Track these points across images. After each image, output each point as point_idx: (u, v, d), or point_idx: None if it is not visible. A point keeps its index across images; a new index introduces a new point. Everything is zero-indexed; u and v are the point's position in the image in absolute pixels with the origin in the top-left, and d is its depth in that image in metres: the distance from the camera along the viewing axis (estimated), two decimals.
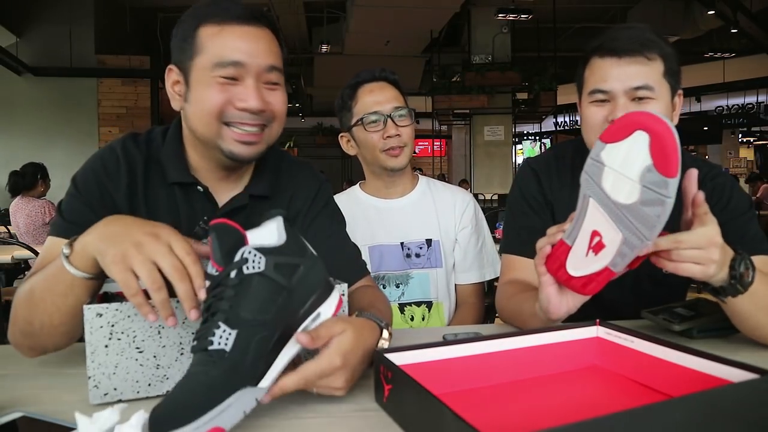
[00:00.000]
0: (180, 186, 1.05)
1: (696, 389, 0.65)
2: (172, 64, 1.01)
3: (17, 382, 0.84)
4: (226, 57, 0.95)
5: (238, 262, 0.70)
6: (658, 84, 1.11)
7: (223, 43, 0.95)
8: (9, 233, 4.54)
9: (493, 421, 0.71)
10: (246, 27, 0.97)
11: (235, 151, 0.98)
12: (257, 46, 0.97)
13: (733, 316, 0.97)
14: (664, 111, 1.12)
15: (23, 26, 8.45)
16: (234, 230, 0.71)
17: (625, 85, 1.10)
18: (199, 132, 0.99)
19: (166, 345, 0.79)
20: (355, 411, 0.75)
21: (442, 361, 0.80)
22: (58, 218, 1.01)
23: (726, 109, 14.49)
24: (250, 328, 0.68)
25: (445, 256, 1.61)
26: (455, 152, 12.13)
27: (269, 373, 0.70)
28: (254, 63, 0.96)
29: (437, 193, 1.68)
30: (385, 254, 1.59)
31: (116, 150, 1.04)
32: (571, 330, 0.89)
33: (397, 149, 1.55)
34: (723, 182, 1.20)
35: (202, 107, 0.96)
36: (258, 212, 1.08)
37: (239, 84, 0.96)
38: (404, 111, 1.56)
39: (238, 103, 0.96)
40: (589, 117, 1.16)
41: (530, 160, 1.36)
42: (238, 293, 0.69)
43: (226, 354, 0.66)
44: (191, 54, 0.97)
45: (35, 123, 8.41)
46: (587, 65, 1.17)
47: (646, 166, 0.76)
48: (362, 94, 1.57)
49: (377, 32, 9.38)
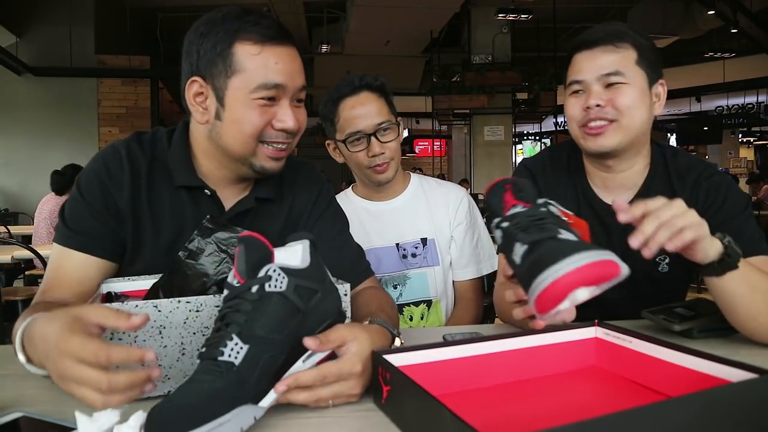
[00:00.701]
0: (187, 189, 1.05)
1: (695, 389, 0.65)
2: (197, 77, 0.98)
3: (17, 382, 0.84)
4: (270, 80, 0.95)
5: (262, 278, 0.71)
6: (631, 71, 1.15)
7: (266, 65, 0.95)
8: (9, 233, 4.55)
9: (492, 421, 0.72)
10: (283, 47, 0.98)
11: (267, 166, 1.01)
12: (294, 67, 0.99)
13: (730, 304, 0.97)
14: (639, 97, 1.16)
15: (23, 26, 8.45)
16: (263, 246, 0.73)
17: (597, 73, 1.16)
18: (234, 149, 1.00)
19: (167, 345, 0.79)
20: (355, 411, 0.75)
21: (441, 362, 0.80)
22: (62, 225, 1.02)
23: (726, 109, 14.50)
24: (261, 345, 0.68)
25: (441, 253, 1.60)
26: (455, 152, 12.13)
27: (271, 394, 0.70)
28: (292, 84, 0.98)
29: (430, 191, 1.66)
30: (381, 257, 1.58)
31: (120, 151, 1.04)
32: (570, 331, 0.89)
33: (384, 165, 1.52)
34: (718, 181, 1.20)
35: (242, 128, 0.97)
36: (264, 215, 1.10)
37: (276, 105, 0.98)
38: (388, 125, 1.51)
39: (277, 123, 0.98)
40: (568, 108, 1.22)
41: (526, 160, 1.38)
42: (256, 309, 0.70)
43: (234, 367, 0.66)
44: (227, 72, 0.95)
45: (35, 123, 8.41)
46: (569, 64, 1.23)
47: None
48: (343, 110, 1.52)
49: (377, 32, 9.39)
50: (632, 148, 1.20)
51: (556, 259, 0.74)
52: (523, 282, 0.81)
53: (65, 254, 0.99)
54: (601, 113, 1.15)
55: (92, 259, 1.00)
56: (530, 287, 0.77)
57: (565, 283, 0.73)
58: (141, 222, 1.02)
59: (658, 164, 1.24)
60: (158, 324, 0.78)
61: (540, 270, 0.75)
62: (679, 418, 0.58)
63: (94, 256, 1.00)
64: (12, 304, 3.54)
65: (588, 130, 1.17)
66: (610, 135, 1.16)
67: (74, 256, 0.99)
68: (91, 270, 1.00)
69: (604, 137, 1.16)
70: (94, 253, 1.00)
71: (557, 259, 0.74)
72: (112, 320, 0.66)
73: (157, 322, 0.78)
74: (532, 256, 0.79)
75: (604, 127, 1.16)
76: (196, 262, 0.93)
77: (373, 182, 1.57)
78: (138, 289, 0.97)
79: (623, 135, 1.16)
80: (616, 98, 1.14)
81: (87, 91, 8.52)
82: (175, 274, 0.93)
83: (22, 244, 3.32)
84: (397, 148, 1.55)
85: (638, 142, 1.20)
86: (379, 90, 1.54)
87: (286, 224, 1.12)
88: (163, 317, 0.78)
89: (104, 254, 1.01)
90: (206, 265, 0.93)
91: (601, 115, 1.15)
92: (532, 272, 0.77)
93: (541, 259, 0.77)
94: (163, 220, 1.04)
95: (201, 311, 0.80)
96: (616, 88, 1.15)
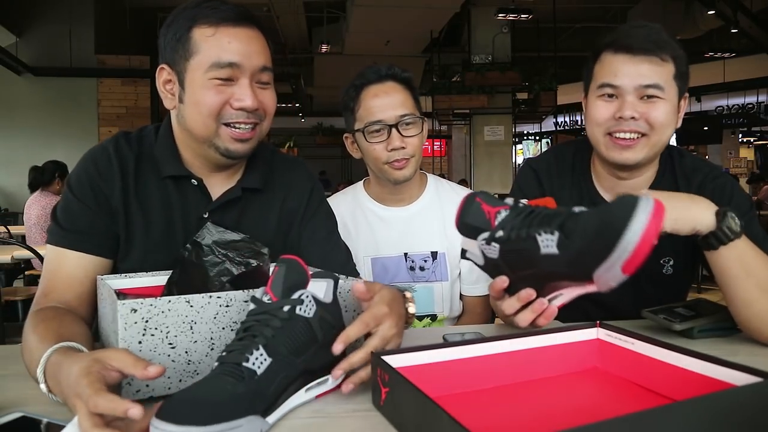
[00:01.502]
0: (173, 179, 1.06)
1: (697, 392, 0.65)
2: (164, 64, 1.02)
3: (17, 382, 0.84)
4: (223, 58, 0.97)
5: (295, 300, 0.74)
6: (668, 85, 1.11)
7: (219, 45, 0.97)
8: (9, 233, 4.55)
9: (492, 424, 0.71)
10: (240, 28, 0.99)
11: (231, 148, 1.02)
12: (251, 47, 0.99)
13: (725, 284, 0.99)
14: (671, 112, 1.13)
15: (23, 26, 8.44)
16: (302, 271, 0.77)
17: (636, 82, 1.10)
18: (196, 131, 1.01)
19: (197, 340, 0.79)
20: (355, 411, 0.75)
21: (441, 363, 0.79)
22: (54, 226, 1.02)
23: (726, 109, 14.47)
24: (282, 363, 0.71)
25: (451, 269, 1.51)
26: (455, 152, 12.12)
27: (278, 411, 0.71)
28: (249, 64, 0.99)
29: (446, 199, 1.54)
30: (388, 267, 1.50)
31: (108, 149, 1.05)
32: (571, 332, 0.88)
33: (402, 161, 1.42)
34: (723, 183, 1.20)
35: (200, 108, 0.99)
36: (254, 206, 1.11)
37: (234, 84, 0.99)
38: (411, 119, 1.42)
39: (235, 102, 0.99)
40: (594, 111, 1.15)
41: (531, 160, 1.38)
42: (284, 327, 0.72)
43: (256, 376, 0.68)
44: (186, 55, 0.98)
45: (35, 123, 8.41)
46: (598, 60, 1.16)
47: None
48: (366, 98, 1.43)
49: (377, 32, 9.37)
50: (654, 161, 1.19)
51: (623, 221, 0.70)
52: (578, 264, 0.76)
53: (62, 255, 1.00)
54: (634, 126, 1.11)
55: (89, 258, 1.00)
56: (606, 259, 0.72)
57: (649, 234, 0.70)
58: (132, 216, 1.04)
59: (665, 166, 1.24)
60: (189, 319, 0.78)
61: (611, 238, 0.71)
62: (682, 422, 0.57)
63: (91, 255, 1.00)
64: (12, 304, 3.54)
65: (616, 140, 1.13)
66: (639, 150, 1.13)
67: (71, 256, 0.99)
68: (89, 269, 1.00)
69: (633, 151, 1.12)
70: (91, 251, 1.00)
71: (625, 220, 0.70)
72: (130, 368, 0.66)
73: (188, 317, 0.78)
74: (578, 237, 0.75)
75: (635, 141, 1.12)
76: (198, 261, 0.94)
77: (389, 180, 1.46)
78: (135, 286, 0.97)
79: (650, 150, 1.14)
80: (651, 112, 1.10)
81: (87, 91, 8.52)
82: (183, 272, 0.94)
83: (21, 244, 3.31)
84: (419, 145, 1.44)
85: (658, 154, 1.19)
86: (406, 82, 1.45)
87: (280, 220, 1.13)
88: (195, 312, 0.79)
89: (101, 252, 1.02)
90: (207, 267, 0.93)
91: (634, 128, 1.11)
92: (595, 248, 0.73)
93: (602, 230, 0.72)
94: (153, 212, 1.05)
95: (230, 306, 0.81)
96: (651, 102, 1.11)
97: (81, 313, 0.97)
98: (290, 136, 13.18)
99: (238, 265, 0.93)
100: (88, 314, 1.00)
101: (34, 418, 0.70)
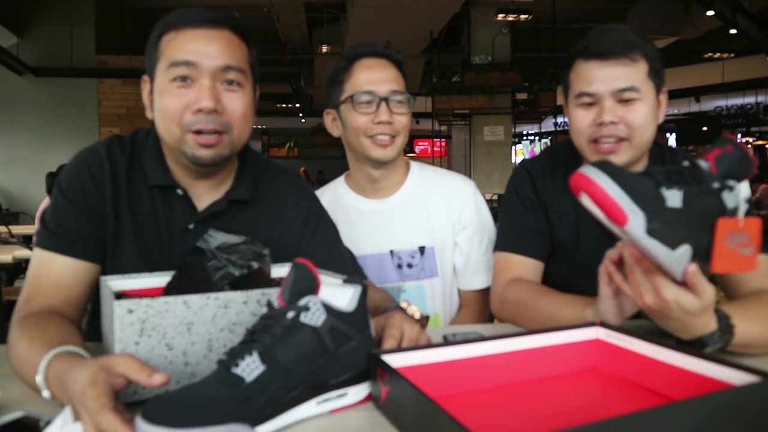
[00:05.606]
0: (159, 189, 1.04)
1: (697, 392, 0.65)
2: (145, 76, 1.04)
3: (17, 382, 0.83)
4: (178, 57, 0.96)
5: (300, 307, 0.71)
6: (644, 84, 1.13)
7: (177, 46, 0.97)
8: (10, 233, 4.54)
9: (491, 424, 0.71)
10: (200, 30, 0.98)
11: (198, 154, 0.98)
12: (210, 47, 0.97)
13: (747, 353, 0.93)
14: (650, 110, 1.14)
15: (24, 26, 8.44)
16: (312, 277, 0.73)
17: (611, 87, 1.12)
18: (165, 138, 1.01)
19: (195, 342, 0.78)
20: (354, 411, 0.75)
21: (440, 363, 0.80)
22: (44, 229, 1.00)
23: (725, 109, 14.50)
24: (277, 372, 0.68)
25: (441, 263, 1.44)
26: (455, 152, 12.11)
27: (272, 423, 0.69)
28: (207, 63, 0.96)
29: (431, 188, 1.46)
30: (372, 265, 1.41)
31: (100, 152, 1.04)
32: (571, 331, 0.89)
33: (387, 139, 1.35)
34: None
35: (164, 114, 0.98)
36: (241, 219, 1.07)
37: (192, 86, 0.97)
38: (402, 97, 1.36)
39: (193, 105, 0.96)
40: (576, 120, 1.18)
41: (525, 161, 1.39)
42: (285, 335, 0.69)
43: (243, 383, 0.66)
44: (153, 62, 1.00)
45: (36, 123, 8.40)
46: (572, 68, 1.19)
47: (605, 220, 0.75)
48: (358, 69, 1.37)
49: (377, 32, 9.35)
50: (639, 160, 1.20)
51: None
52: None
53: (49, 259, 0.98)
54: (614, 131, 1.13)
55: (78, 263, 0.98)
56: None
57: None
58: (122, 222, 1.02)
59: (656, 164, 1.25)
60: (187, 320, 0.77)
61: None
62: (682, 422, 0.58)
63: (80, 259, 0.99)
64: (13, 303, 3.53)
65: (598, 147, 1.15)
66: (622, 153, 1.14)
67: (59, 261, 0.98)
68: (78, 273, 0.98)
69: (616, 156, 1.14)
70: (80, 256, 0.99)
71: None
72: (135, 374, 0.66)
73: (186, 318, 0.77)
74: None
75: (616, 145, 1.14)
76: (202, 266, 0.93)
77: (370, 158, 1.37)
78: (138, 287, 0.96)
79: (634, 152, 1.15)
80: (629, 116, 1.12)
81: (88, 92, 8.51)
82: (184, 277, 0.93)
83: (23, 243, 3.31)
84: (406, 125, 1.38)
85: (644, 153, 1.20)
86: (399, 65, 1.41)
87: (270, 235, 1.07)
88: (192, 313, 0.78)
89: (90, 256, 1.00)
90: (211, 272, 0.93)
91: (614, 133, 1.13)
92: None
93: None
94: (142, 220, 1.03)
95: (229, 307, 0.80)
96: (629, 104, 1.13)
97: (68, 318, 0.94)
98: (290, 136, 13.21)
99: (240, 268, 0.92)
100: (76, 320, 0.98)
101: (34, 418, 0.70)
